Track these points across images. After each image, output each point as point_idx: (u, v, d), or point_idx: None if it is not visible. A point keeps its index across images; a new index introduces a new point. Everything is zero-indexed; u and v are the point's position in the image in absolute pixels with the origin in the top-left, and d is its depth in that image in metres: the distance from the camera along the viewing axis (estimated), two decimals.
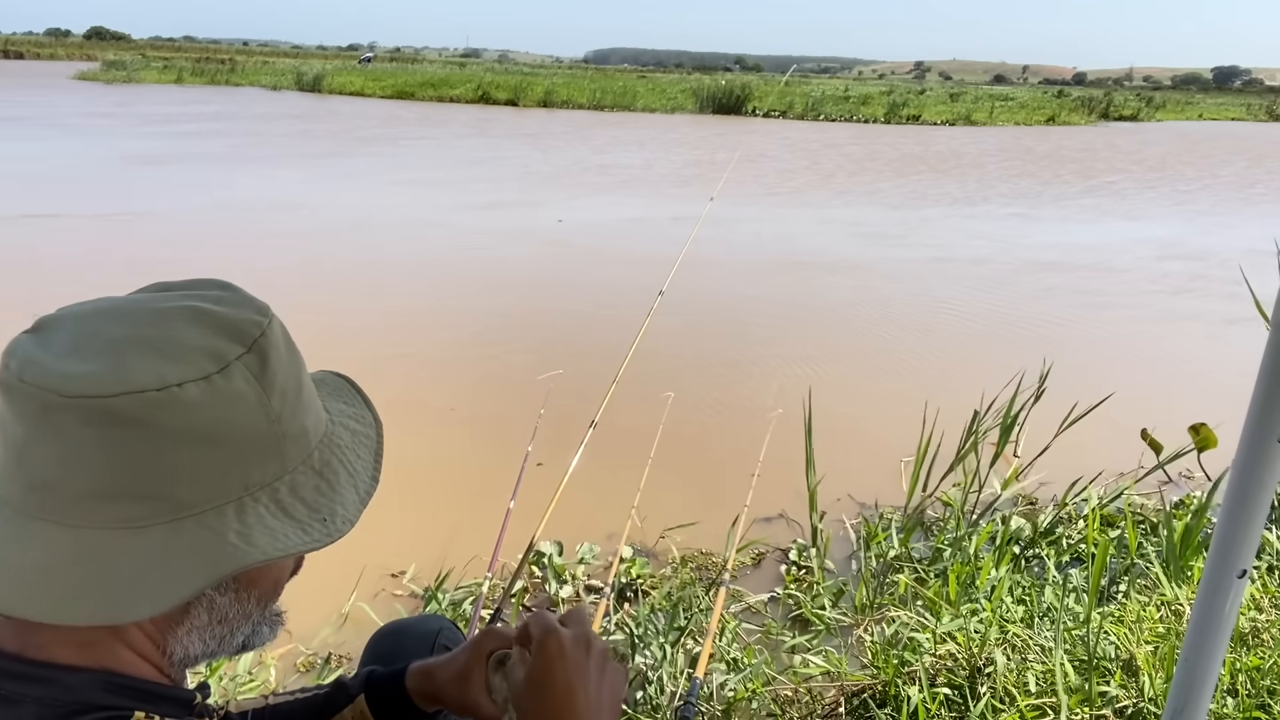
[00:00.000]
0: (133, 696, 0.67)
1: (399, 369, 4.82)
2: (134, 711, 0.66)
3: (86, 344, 0.63)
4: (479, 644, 0.94)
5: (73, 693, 0.64)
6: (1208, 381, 5.14)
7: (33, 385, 0.61)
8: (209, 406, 0.63)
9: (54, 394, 0.60)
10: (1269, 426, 1.09)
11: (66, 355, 0.62)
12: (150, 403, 0.60)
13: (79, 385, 0.60)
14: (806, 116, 29.41)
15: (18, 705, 0.64)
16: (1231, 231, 10.39)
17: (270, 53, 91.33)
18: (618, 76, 46.84)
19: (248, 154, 14.28)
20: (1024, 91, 58.16)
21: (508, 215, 9.63)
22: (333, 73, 36.77)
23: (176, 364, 0.62)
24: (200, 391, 0.62)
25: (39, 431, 0.61)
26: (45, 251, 7.11)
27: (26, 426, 0.61)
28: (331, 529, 0.69)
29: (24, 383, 0.61)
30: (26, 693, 0.64)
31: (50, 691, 0.64)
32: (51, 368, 0.61)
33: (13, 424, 0.62)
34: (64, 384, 0.60)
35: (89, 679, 0.65)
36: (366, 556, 2.92)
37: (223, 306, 0.67)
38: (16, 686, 0.64)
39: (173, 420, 0.61)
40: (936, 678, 2.15)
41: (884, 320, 6.21)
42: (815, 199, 11.88)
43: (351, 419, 0.81)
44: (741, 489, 2.93)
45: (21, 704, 0.64)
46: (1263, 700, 2.03)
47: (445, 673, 0.95)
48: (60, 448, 0.61)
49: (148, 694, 0.68)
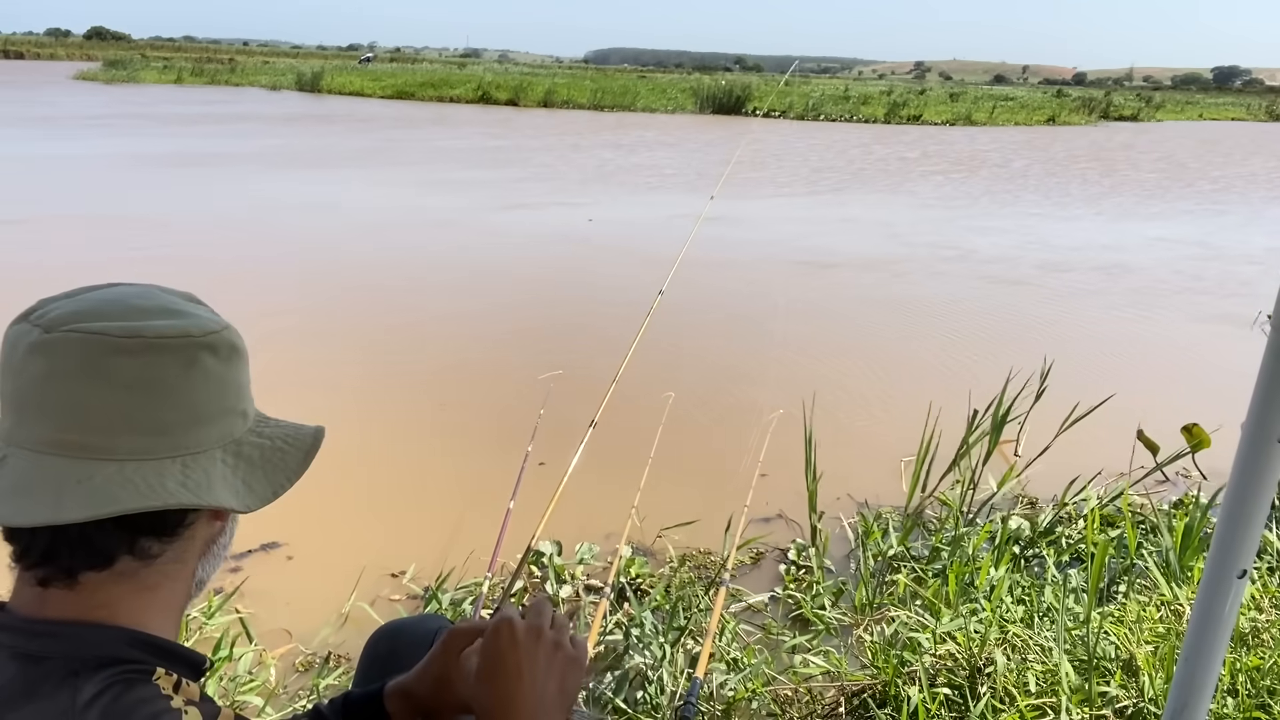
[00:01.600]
0: (154, 654, 0.71)
1: (399, 369, 4.83)
2: (156, 668, 0.70)
3: (128, 305, 0.72)
4: (448, 645, 0.94)
5: (97, 648, 0.68)
6: (1208, 381, 5.14)
7: (121, 336, 0.68)
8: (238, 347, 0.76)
9: (155, 338, 0.69)
10: (1269, 426, 1.09)
11: (114, 312, 0.71)
12: (223, 339, 0.74)
13: (175, 329, 0.71)
14: (806, 117, 29.41)
15: (44, 662, 0.67)
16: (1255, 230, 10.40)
17: (270, 53, 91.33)
18: (618, 76, 46.86)
19: (284, 155, 14.37)
20: (1024, 91, 58.17)
21: (538, 215, 9.66)
22: (332, 73, 36.79)
23: (207, 318, 0.75)
24: (232, 335, 0.76)
25: (144, 375, 0.69)
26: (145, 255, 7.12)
27: (116, 377, 0.68)
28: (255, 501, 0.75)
29: (107, 336, 0.68)
30: (52, 650, 0.67)
31: (75, 647, 0.67)
32: (138, 324, 0.70)
33: (78, 379, 0.68)
34: (163, 330, 0.70)
35: (113, 634, 0.69)
36: (366, 556, 2.92)
37: (174, 291, 0.78)
38: (42, 645, 0.67)
39: (229, 350, 0.74)
40: (936, 678, 2.15)
41: (885, 319, 6.21)
42: (816, 199, 11.88)
43: None
44: (741, 489, 2.93)
45: (47, 660, 0.67)
46: (1263, 700, 2.03)
47: (423, 685, 0.96)
48: (163, 389, 0.70)
49: (169, 653, 0.72)
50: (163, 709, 0.67)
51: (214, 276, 6.44)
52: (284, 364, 4.73)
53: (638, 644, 2.39)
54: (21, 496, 0.66)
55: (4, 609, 0.70)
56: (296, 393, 4.38)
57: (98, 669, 0.67)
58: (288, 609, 2.68)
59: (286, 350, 4.98)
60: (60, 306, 0.70)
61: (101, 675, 0.66)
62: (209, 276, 6.43)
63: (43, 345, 0.68)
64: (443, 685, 0.94)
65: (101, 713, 0.65)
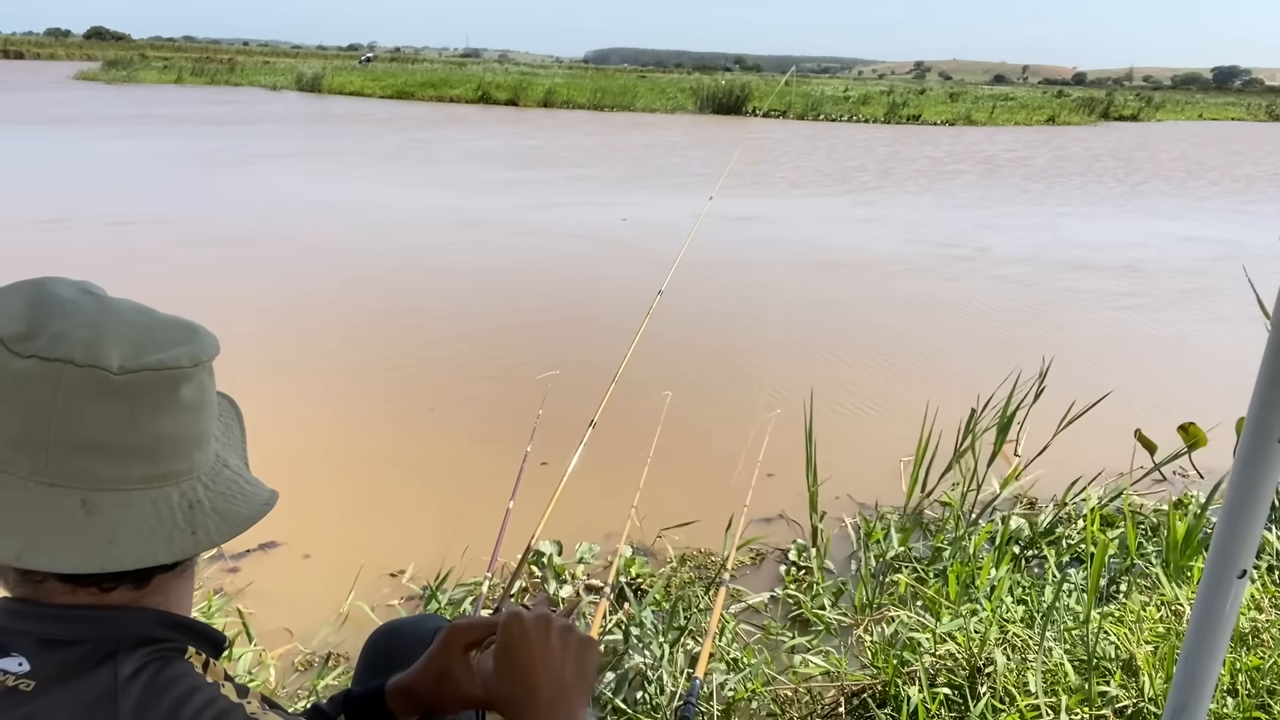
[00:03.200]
0: (184, 632, 0.72)
1: (401, 369, 4.83)
2: (188, 646, 0.72)
3: (130, 332, 0.69)
4: (449, 641, 0.95)
5: (133, 627, 0.69)
6: (1209, 381, 5.14)
7: (149, 370, 0.67)
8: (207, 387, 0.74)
9: (173, 370, 0.69)
10: (1269, 426, 1.09)
11: (118, 343, 0.68)
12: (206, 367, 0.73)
13: (189, 357, 0.70)
14: (806, 116, 29.41)
15: (75, 646, 0.67)
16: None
17: (270, 53, 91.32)
18: (618, 76, 46.83)
19: (318, 154, 14.48)
20: (1024, 91, 58.16)
21: (571, 213, 9.70)
22: (331, 73, 36.74)
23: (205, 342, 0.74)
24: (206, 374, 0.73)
25: (161, 402, 0.68)
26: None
27: (143, 406, 0.68)
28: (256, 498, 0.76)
29: (139, 371, 0.67)
30: (84, 634, 0.68)
31: (110, 629, 0.68)
32: (159, 356, 0.68)
33: (118, 414, 0.67)
34: (178, 360, 0.70)
35: (146, 615, 0.70)
36: (365, 556, 2.93)
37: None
38: (72, 629, 0.68)
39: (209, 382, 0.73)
40: (936, 678, 2.15)
41: (886, 319, 6.21)
42: (819, 198, 11.88)
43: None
44: (741, 488, 2.92)
45: (80, 644, 0.67)
46: (1263, 700, 2.03)
47: (425, 682, 0.96)
48: (170, 417, 0.69)
49: (196, 631, 0.74)
50: (200, 684, 0.69)
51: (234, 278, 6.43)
52: (285, 363, 4.73)
53: (638, 644, 2.39)
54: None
55: (24, 601, 0.70)
56: (298, 392, 4.38)
57: (135, 648, 0.68)
58: (287, 608, 2.68)
59: (288, 349, 4.98)
60: (79, 334, 0.66)
61: (139, 653, 0.68)
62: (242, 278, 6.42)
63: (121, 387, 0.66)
64: (444, 681, 0.94)
65: (143, 688, 0.66)
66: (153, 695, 0.66)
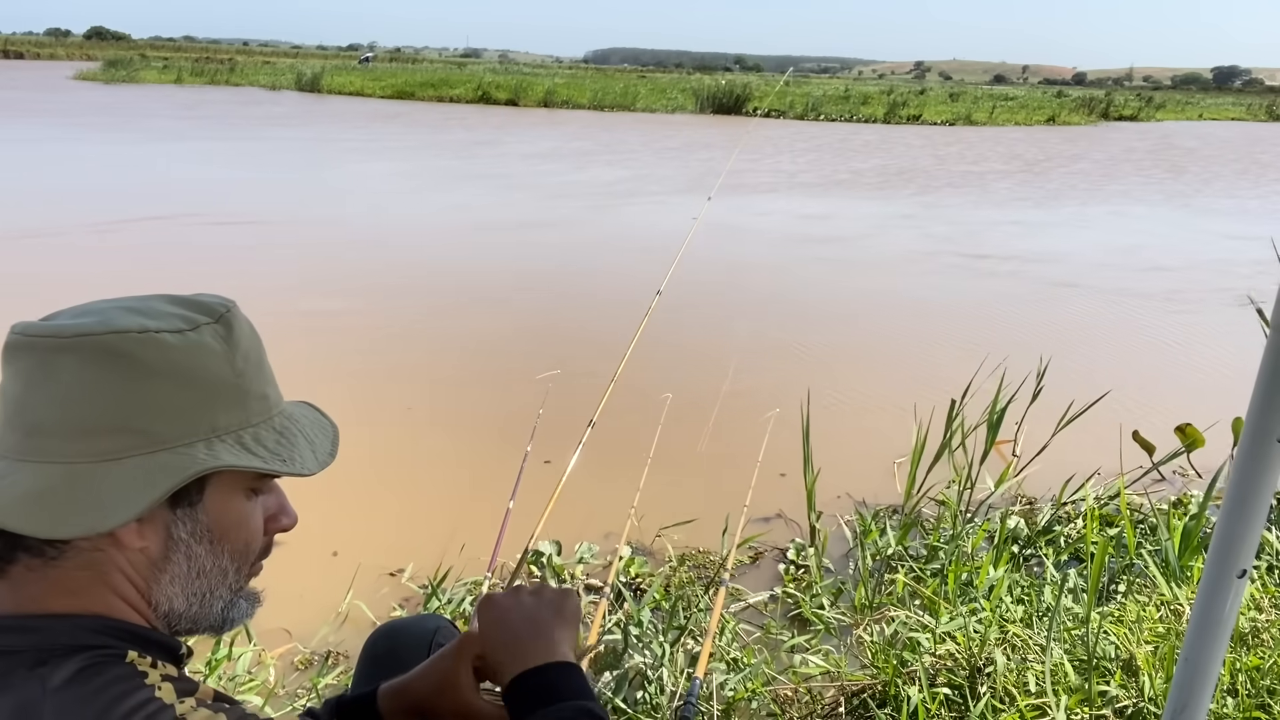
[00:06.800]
0: (123, 638, 0.71)
1: (401, 369, 4.82)
2: (127, 651, 0.70)
3: (80, 312, 0.73)
4: (463, 648, 0.95)
5: (65, 636, 0.69)
6: (1210, 380, 5.14)
7: (34, 335, 0.70)
8: (183, 351, 0.72)
9: (51, 338, 0.69)
10: (1269, 426, 1.09)
11: (64, 318, 0.72)
12: (133, 341, 0.70)
13: (72, 329, 0.69)
14: (806, 116, 29.39)
15: (16, 655, 0.67)
16: None
17: (270, 53, 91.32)
18: (618, 76, 46.85)
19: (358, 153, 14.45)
20: (1024, 91, 58.15)
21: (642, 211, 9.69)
22: (331, 72, 36.72)
23: (156, 320, 0.72)
24: (176, 339, 0.72)
25: (37, 376, 0.69)
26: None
27: (25, 378, 0.70)
28: (290, 466, 0.77)
29: (25, 335, 0.70)
30: (22, 644, 0.68)
31: (44, 639, 0.68)
32: (50, 324, 0.71)
33: (11, 382, 0.70)
34: (60, 330, 0.70)
35: (80, 623, 0.70)
36: (364, 555, 2.92)
37: (194, 295, 0.79)
38: (12, 640, 0.68)
39: (152, 358, 0.70)
40: (936, 678, 2.15)
41: (885, 319, 6.20)
42: (819, 198, 11.87)
43: (312, 422, 0.91)
44: (740, 488, 2.92)
45: (19, 654, 0.67)
46: (1263, 700, 2.03)
47: (425, 684, 0.96)
48: (55, 390, 0.69)
49: (138, 637, 0.72)
50: (136, 685, 0.68)
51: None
52: (284, 362, 4.73)
53: (637, 644, 2.39)
54: None
55: None
56: (297, 390, 4.37)
57: (68, 656, 0.67)
58: (286, 608, 2.68)
59: (288, 347, 4.97)
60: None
61: (73, 661, 0.67)
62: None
63: None
64: (446, 687, 0.95)
65: (75, 697, 0.65)
66: (79, 703, 0.65)
